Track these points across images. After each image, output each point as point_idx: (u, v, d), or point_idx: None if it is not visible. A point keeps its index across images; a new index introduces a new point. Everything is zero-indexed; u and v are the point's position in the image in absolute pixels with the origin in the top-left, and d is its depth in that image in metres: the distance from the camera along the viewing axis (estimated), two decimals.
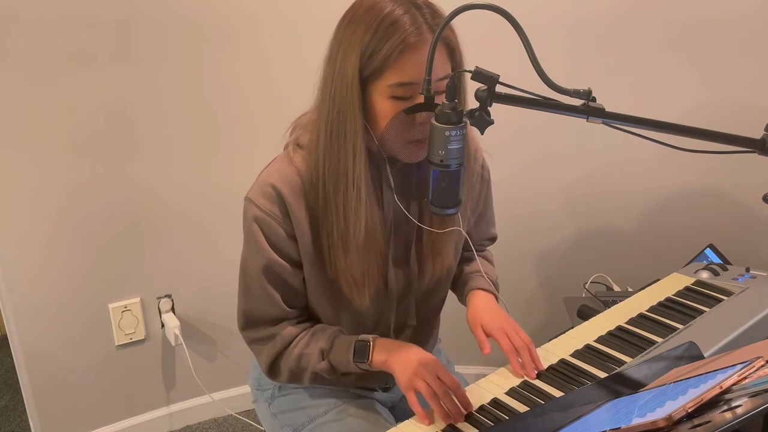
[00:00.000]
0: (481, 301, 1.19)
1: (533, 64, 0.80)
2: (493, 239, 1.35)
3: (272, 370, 1.12)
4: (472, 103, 0.85)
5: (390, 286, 1.11)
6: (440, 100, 0.87)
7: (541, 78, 0.80)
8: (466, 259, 1.28)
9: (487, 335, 1.12)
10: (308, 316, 1.15)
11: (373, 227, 1.03)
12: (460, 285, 1.27)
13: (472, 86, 0.82)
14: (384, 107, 0.95)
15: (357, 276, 1.05)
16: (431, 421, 0.97)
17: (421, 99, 0.91)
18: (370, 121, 0.97)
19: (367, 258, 1.04)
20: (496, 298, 1.22)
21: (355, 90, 0.94)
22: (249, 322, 1.10)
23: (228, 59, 1.75)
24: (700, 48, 1.72)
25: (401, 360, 1.02)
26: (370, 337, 1.06)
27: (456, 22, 0.77)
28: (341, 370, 1.07)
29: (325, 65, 0.99)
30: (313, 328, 1.11)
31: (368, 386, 1.21)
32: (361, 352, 1.05)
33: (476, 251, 1.30)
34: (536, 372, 1.05)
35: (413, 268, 1.13)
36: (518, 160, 1.89)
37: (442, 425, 0.96)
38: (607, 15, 1.73)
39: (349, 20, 0.95)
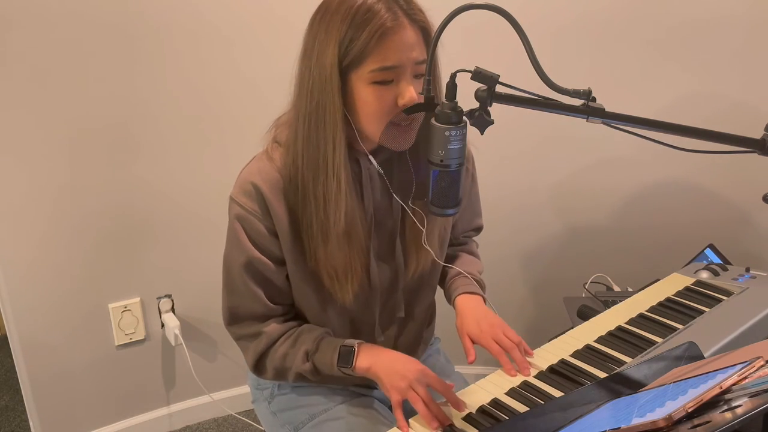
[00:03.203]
0: (467, 306, 1.18)
1: (533, 64, 0.80)
2: (478, 229, 1.35)
3: (258, 367, 1.13)
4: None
5: (373, 280, 1.11)
6: (418, 84, 0.94)
7: (541, 78, 0.80)
8: (450, 256, 1.27)
9: (475, 343, 1.11)
10: (295, 315, 1.15)
11: (353, 219, 1.03)
12: (446, 289, 1.26)
13: (472, 86, 0.82)
14: (365, 94, 0.96)
15: (339, 270, 1.05)
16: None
17: (403, 82, 0.95)
18: (350, 110, 0.98)
19: (348, 251, 1.04)
20: (483, 298, 1.21)
21: (334, 79, 0.94)
22: (234, 318, 1.11)
23: (224, 59, 1.75)
24: (699, 48, 1.72)
25: (387, 369, 1.02)
26: (355, 342, 1.06)
27: (456, 22, 0.77)
28: (325, 372, 1.07)
29: (301, 61, 0.99)
30: (300, 329, 1.11)
31: (368, 384, 1.21)
32: (346, 357, 1.05)
33: (461, 243, 1.32)
34: (530, 369, 1.05)
35: (399, 262, 1.13)
36: (519, 161, 1.89)
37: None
38: (603, 15, 1.73)
39: (323, 14, 0.96)
